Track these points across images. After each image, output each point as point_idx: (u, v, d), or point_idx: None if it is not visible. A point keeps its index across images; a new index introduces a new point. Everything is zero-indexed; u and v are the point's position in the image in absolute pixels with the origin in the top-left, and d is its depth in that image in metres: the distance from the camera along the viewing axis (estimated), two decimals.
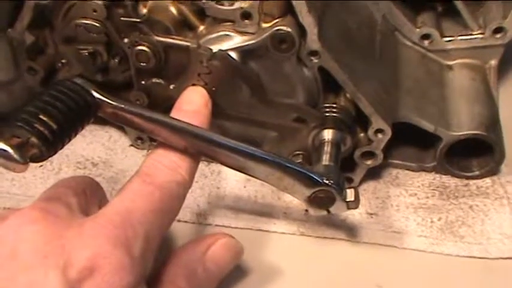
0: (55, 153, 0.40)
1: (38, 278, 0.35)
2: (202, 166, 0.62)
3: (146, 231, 0.40)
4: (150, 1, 0.53)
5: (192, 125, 0.46)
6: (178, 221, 0.57)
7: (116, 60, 0.56)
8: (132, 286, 0.37)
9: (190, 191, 0.59)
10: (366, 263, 0.55)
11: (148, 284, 0.44)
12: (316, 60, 0.52)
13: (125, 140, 0.65)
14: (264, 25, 0.51)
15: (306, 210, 0.58)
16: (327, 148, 0.53)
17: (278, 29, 0.50)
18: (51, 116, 0.39)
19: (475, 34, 0.67)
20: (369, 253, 0.55)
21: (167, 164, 0.45)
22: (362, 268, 0.54)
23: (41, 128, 0.39)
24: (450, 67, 0.68)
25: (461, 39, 0.67)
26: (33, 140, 0.38)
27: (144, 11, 0.53)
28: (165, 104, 0.53)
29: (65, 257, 0.36)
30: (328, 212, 0.50)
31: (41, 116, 0.39)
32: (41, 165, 0.61)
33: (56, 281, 0.35)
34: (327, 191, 0.48)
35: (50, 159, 0.60)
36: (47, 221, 0.38)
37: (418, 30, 0.67)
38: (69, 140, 0.41)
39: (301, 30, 0.51)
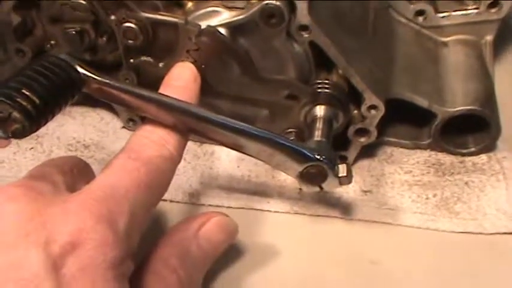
0: (38, 128, 0.39)
1: (19, 256, 0.34)
2: (195, 147, 0.62)
3: (131, 207, 0.39)
4: None
5: (180, 100, 0.45)
6: (171, 201, 0.57)
7: (104, 39, 0.55)
8: (117, 262, 0.37)
9: (182, 171, 0.59)
10: (360, 240, 0.54)
11: (141, 264, 0.44)
12: (306, 35, 0.51)
13: (116, 122, 0.64)
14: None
15: (300, 189, 0.57)
16: (319, 124, 0.52)
17: (267, 3, 0.49)
18: (34, 90, 0.38)
19: (470, 9, 0.66)
20: (364, 230, 0.55)
21: (154, 139, 0.44)
22: (356, 245, 0.54)
23: (24, 103, 0.38)
24: (445, 43, 0.67)
25: (456, 15, 0.66)
26: (16, 114, 0.37)
27: None
28: (155, 83, 0.52)
29: (47, 233, 0.35)
30: (321, 188, 0.49)
31: (24, 91, 0.38)
32: (32, 148, 0.61)
33: (37, 258, 0.34)
34: (319, 166, 0.48)
35: (40, 141, 0.62)
36: (28, 197, 0.37)
37: (412, 6, 0.66)
38: (53, 115, 0.40)
39: (291, 5, 0.50)
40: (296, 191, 0.57)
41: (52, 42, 0.58)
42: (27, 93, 0.38)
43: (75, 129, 0.63)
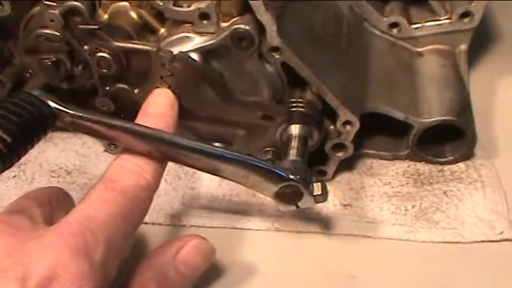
0: (11, 166, 0.40)
1: None
2: (176, 167, 0.62)
3: (108, 237, 0.40)
4: (110, 6, 0.54)
5: (153, 129, 0.46)
6: (153, 223, 0.57)
7: (80, 68, 0.56)
8: None
9: (163, 193, 0.60)
10: (340, 254, 0.55)
11: None
12: (278, 56, 0.52)
13: (98, 146, 0.65)
14: (223, 24, 0.51)
15: None
16: (294, 143, 0.53)
17: (236, 28, 0.50)
18: (5, 129, 0.39)
19: (443, 20, 0.67)
20: (344, 245, 0.56)
21: (131, 168, 0.45)
22: (337, 260, 0.55)
23: None
24: (420, 54, 0.68)
25: (429, 26, 0.67)
26: None
27: (105, 17, 0.53)
28: (133, 109, 0.53)
29: (24, 268, 0.36)
30: (297, 206, 0.50)
31: None
32: (15, 176, 0.61)
33: None
34: (294, 186, 0.49)
35: (23, 169, 0.62)
36: (6, 233, 0.38)
37: (385, 19, 0.67)
38: (26, 152, 0.41)
39: (261, 27, 0.51)
40: (277, 208, 0.58)
41: (30, 71, 0.59)
42: None
43: (57, 155, 0.64)
